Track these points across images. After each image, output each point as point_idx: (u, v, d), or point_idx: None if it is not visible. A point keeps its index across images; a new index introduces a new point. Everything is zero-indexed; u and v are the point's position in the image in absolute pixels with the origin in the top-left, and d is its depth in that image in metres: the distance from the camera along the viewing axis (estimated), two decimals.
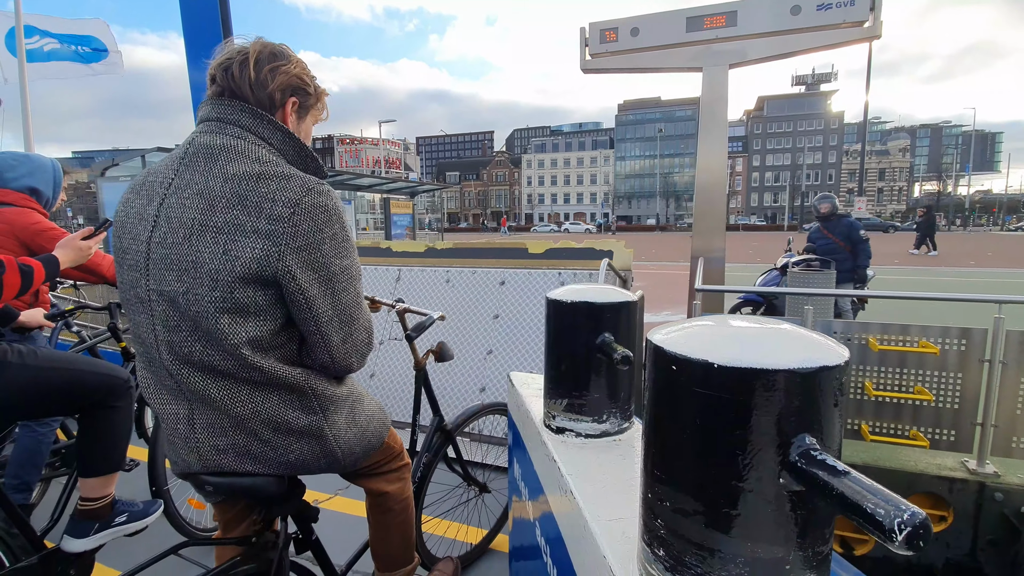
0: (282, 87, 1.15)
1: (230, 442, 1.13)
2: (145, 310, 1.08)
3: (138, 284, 1.08)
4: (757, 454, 0.53)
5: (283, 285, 1.06)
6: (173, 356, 1.08)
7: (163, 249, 1.04)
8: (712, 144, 4.91)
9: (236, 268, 1.02)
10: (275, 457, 1.16)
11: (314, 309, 1.09)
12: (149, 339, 1.09)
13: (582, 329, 1.16)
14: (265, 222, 1.02)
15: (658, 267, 17.80)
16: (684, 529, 0.58)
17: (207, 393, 1.09)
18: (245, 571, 1.22)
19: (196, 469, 1.16)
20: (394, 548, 1.58)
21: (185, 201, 1.04)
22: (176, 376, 1.09)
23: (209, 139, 1.08)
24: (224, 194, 1.03)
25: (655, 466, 0.61)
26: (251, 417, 1.11)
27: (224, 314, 1.03)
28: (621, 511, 0.89)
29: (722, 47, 4.74)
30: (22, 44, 5.89)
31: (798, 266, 5.24)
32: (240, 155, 1.06)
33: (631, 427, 1.25)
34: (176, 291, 1.03)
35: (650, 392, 0.62)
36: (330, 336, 1.13)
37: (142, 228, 1.07)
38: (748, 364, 0.52)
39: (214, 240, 1.02)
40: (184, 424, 1.13)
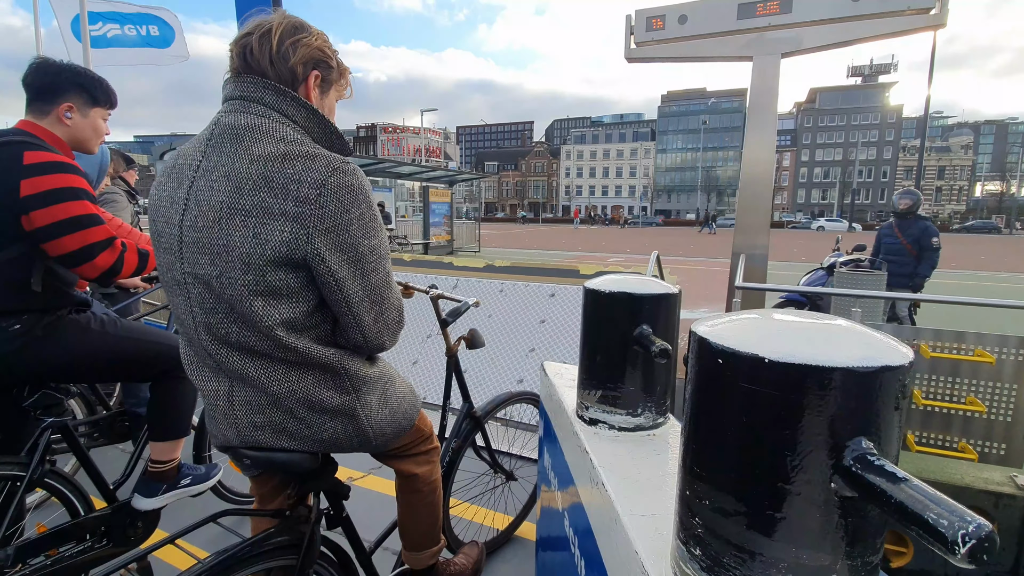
0: (304, 60, 1.13)
1: (267, 419, 1.15)
2: (182, 292, 1.10)
3: (173, 267, 1.10)
4: (807, 456, 0.50)
5: (313, 267, 1.06)
6: (211, 337, 1.10)
7: (195, 232, 1.05)
8: (760, 137, 4.73)
9: (267, 252, 1.02)
10: (310, 435, 1.19)
11: (344, 290, 1.09)
12: (188, 320, 1.12)
13: (620, 320, 1.14)
14: (292, 204, 1.01)
15: (696, 263, 17.41)
16: (724, 529, 0.55)
17: (245, 372, 1.11)
18: (278, 542, 1.24)
19: (235, 443, 1.19)
20: (421, 529, 1.60)
21: (213, 184, 1.04)
22: (215, 356, 1.12)
23: (234, 119, 1.07)
24: (250, 176, 1.02)
25: (694, 462, 0.59)
26: (287, 396, 1.14)
27: (258, 297, 1.04)
28: (654, 507, 0.87)
29: (775, 35, 4.55)
30: (86, 30, 6.14)
31: (846, 266, 5.02)
32: (265, 135, 1.05)
33: (666, 423, 1.22)
34: (210, 274, 1.05)
35: (692, 386, 0.59)
36: (361, 316, 1.14)
37: (174, 211, 1.08)
38: (802, 360, 0.49)
39: (243, 224, 1.02)
40: (224, 400, 1.16)
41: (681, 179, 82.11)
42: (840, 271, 4.85)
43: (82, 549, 1.79)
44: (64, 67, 1.74)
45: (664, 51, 5.02)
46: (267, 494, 1.44)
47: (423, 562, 1.64)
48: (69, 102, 1.71)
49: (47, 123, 1.69)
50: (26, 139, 1.60)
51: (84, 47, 6.20)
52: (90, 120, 1.77)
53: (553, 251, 22.04)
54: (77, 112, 1.73)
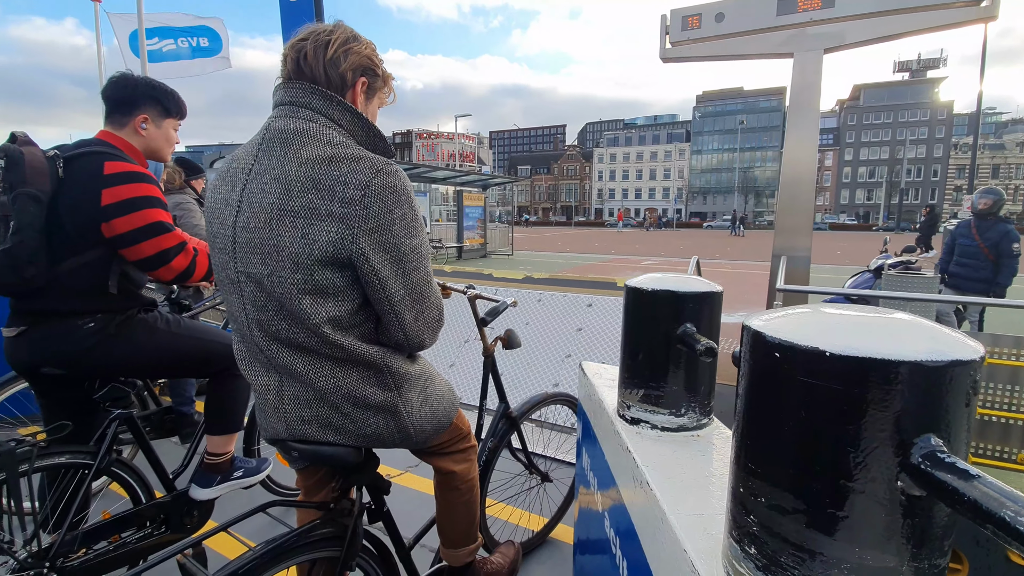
0: (354, 67, 1.18)
1: (314, 413, 1.19)
2: (236, 291, 1.15)
3: (227, 266, 1.15)
4: (871, 453, 0.49)
5: (358, 267, 1.09)
6: (263, 333, 1.15)
7: (247, 233, 1.09)
8: (801, 136, 4.60)
9: (314, 251, 1.06)
10: (354, 430, 1.22)
11: (387, 289, 1.12)
12: (241, 318, 1.17)
13: (662, 318, 1.12)
14: (338, 205, 1.05)
15: (733, 265, 17.00)
16: (781, 528, 0.54)
17: (294, 368, 1.16)
18: (323, 534, 1.28)
19: (284, 436, 1.23)
20: (459, 526, 1.62)
21: (264, 186, 1.08)
22: (266, 352, 1.16)
23: (283, 123, 1.11)
24: (299, 178, 1.06)
25: (749, 459, 0.58)
26: (333, 391, 1.17)
27: (306, 295, 1.08)
28: (701, 507, 0.86)
29: (817, 30, 4.42)
30: (144, 46, 6.49)
31: (895, 268, 4.81)
32: (312, 139, 1.09)
33: (710, 423, 1.19)
34: (261, 273, 1.09)
35: (746, 380, 0.58)
36: (403, 315, 1.17)
37: (227, 213, 1.13)
38: (866, 353, 0.47)
39: (292, 224, 1.06)
40: (274, 395, 1.20)
41: (717, 180, 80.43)
42: (889, 273, 4.65)
43: (142, 535, 1.89)
44: (140, 81, 1.85)
45: (700, 50, 4.94)
46: (312, 487, 1.48)
47: (461, 559, 1.65)
48: (144, 114, 1.81)
49: (124, 133, 1.80)
50: (106, 149, 1.70)
51: (142, 62, 6.54)
52: (163, 131, 1.88)
53: (586, 254, 21.91)
54: (152, 123, 1.83)
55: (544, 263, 17.66)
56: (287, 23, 4.59)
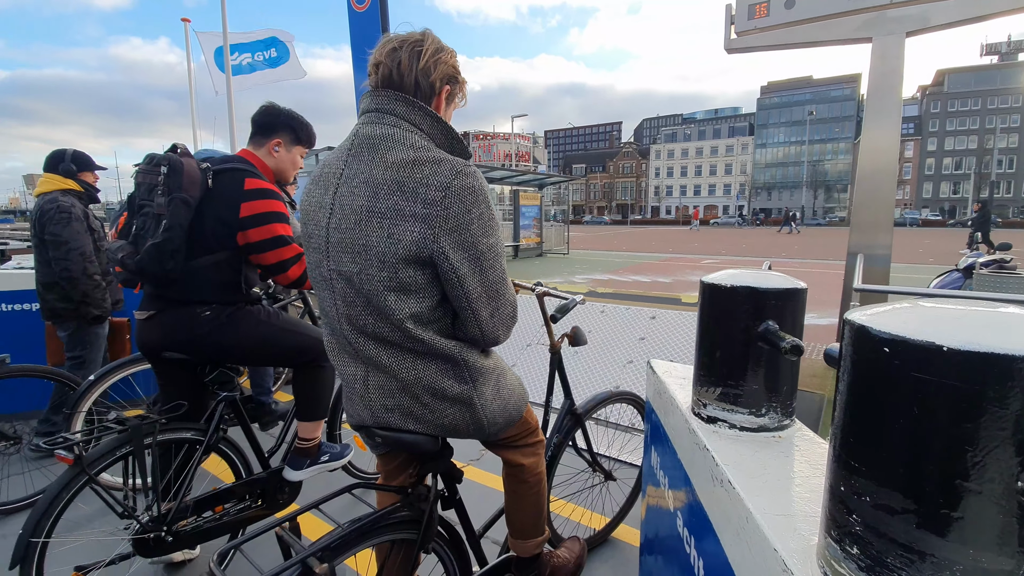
0: (441, 76, 1.25)
1: (396, 403, 1.27)
2: (328, 287, 1.23)
3: (321, 265, 1.23)
4: (991, 452, 0.47)
5: (438, 265, 1.15)
6: (352, 327, 1.23)
7: (339, 234, 1.17)
8: (881, 125, 4.32)
9: (399, 250, 1.12)
10: (432, 419, 1.29)
11: (465, 286, 1.18)
12: (332, 312, 1.26)
13: (742, 315, 1.10)
14: (421, 206, 1.11)
15: (799, 264, 16.17)
16: (888, 527, 0.53)
17: (379, 360, 1.24)
18: (402, 517, 1.36)
19: (368, 423, 1.31)
20: (527, 518, 1.66)
21: (354, 190, 1.16)
22: (354, 344, 1.25)
23: (370, 129, 1.18)
24: (385, 181, 1.13)
25: (852, 457, 0.57)
26: (414, 383, 1.25)
27: (391, 292, 1.16)
28: (788, 507, 0.84)
29: (898, 12, 4.13)
30: (228, 61, 7.02)
31: (988, 267, 4.43)
32: (397, 143, 1.15)
33: (792, 425, 1.16)
34: (351, 271, 1.17)
35: (849, 377, 0.57)
36: (479, 311, 1.22)
37: (321, 215, 1.21)
38: (986, 348, 0.46)
39: (379, 225, 1.13)
40: (360, 384, 1.29)
41: (783, 175, 76.67)
42: (980, 272, 4.30)
43: (241, 508, 2.07)
44: (282, 111, 2.11)
45: (768, 39, 4.73)
46: (392, 471, 1.56)
47: (529, 550, 1.69)
48: (279, 139, 2.08)
49: (261, 154, 2.07)
50: (246, 167, 1.95)
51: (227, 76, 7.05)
52: (291, 155, 2.13)
53: (642, 253, 21.50)
54: (283, 148, 2.09)
55: (600, 262, 17.48)
56: (356, 32, 4.78)
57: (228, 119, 7.49)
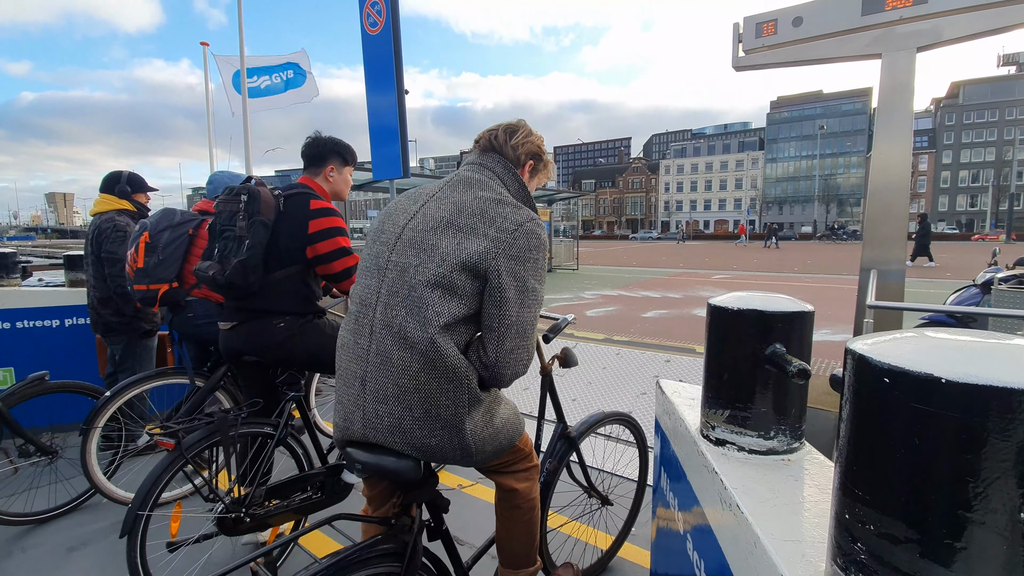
0: (526, 152, 1.54)
1: (388, 410, 1.30)
2: (378, 275, 1.36)
3: (381, 256, 1.38)
4: (992, 483, 0.47)
5: (490, 279, 1.29)
6: (382, 316, 1.32)
7: (413, 233, 1.35)
8: (892, 139, 4.29)
9: (461, 255, 1.28)
10: (420, 437, 1.31)
11: (503, 307, 1.30)
12: (370, 299, 1.36)
13: (749, 338, 1.10)
14: (494, 231, 1.31)
15: (812, 280, 16.00)
16: (892, 556, 0.53)
17: (389, 356, 1.29)
18: (384, 549, 1.32)
19: (357, 428, 1.34)
20: (518, 546, 1.65)
21: (441, 206, 1.38)
22: (374, 334, 1.32)
23: (469, 173, 1.46)
24: (471, 206, 1.35)
25: (856, 485, 0.57)
26: (412, 392, 1.28)
27: (438, 288, 1.28)
28: (796, 532, 0.83)
29: (908, 28, 4.13)
30: (245, 84, 7.22)
31: (1007, 282, 4.36)
32: (488, 187, 1.42)
33: (802, 448, 1.15)
34: (410, 263, 1.32)
35: (851, 405, 0.58)
36: (504, 339, 1.31)
37: (402, 218, 1.40)
38: (985, 381, 0.46)
39: (453, 235, 1.31)
40: (358, 383, 1.34)
41: (795, 189, 76.28)
42: (999, 288, 4.22)
43: (305, 497, 2.20)
44: (327, 140, 2.37)
45: (776, 56, 4.74)
46: (376, 497, 1.58)
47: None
48: (331, 165, 2.35)
49: (318, 180, 2.34)
50: (309, 191, 2.24)
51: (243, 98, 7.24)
52: (343, 176, 2.41)
53: (652, 268, 21.42)
54: (336, 172, 2.37)
55: (610, 277, 17.43)
56: (369, 54, 4.89)
57: (244, 139, 7.68)
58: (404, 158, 4.96)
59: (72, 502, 2.82)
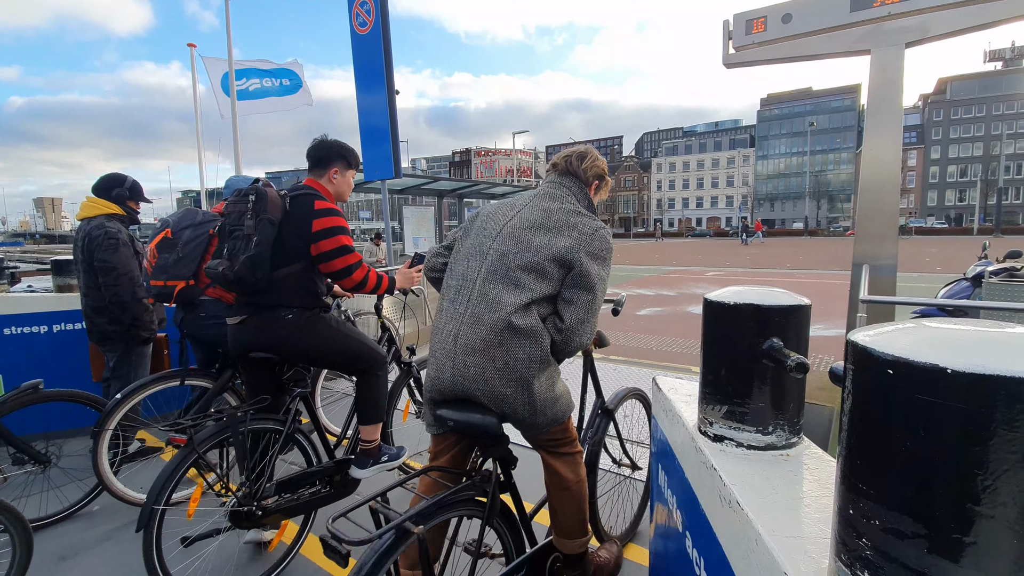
0: (593, 173, 1.87)
1: (475, 361, 1.57)
2: (480, 258, 1.68)
3: (484, 244, 1.70)
4: (1001, 476, 0.46)
5: (574, 267, 1.63)
6: (480, 288, 1.63)
7: (511, 230, 1.69)
8: (882, 135, 4.32)
9: (551, 249, 1.63)
10: (498, 386, 1.57)
11: (582, 288, 1.64)
12: (471, 275, 1.67)
13: (746, 332, 1.09)
14: (576, 233, 1.67)
15: (805, 276, 16.09)
16: (898, 552, 0.52)
17: (482, 317, 1.59)
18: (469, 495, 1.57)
19: (447, 377, 1.61)
20: (569, 521, 1.83)
21: (534, 210, 1.73)
22: (471, 301, 1.63)
23: (552, 189, 1.81)
24: (558, 214, 1.71)
25: (859, 479, 0.56)
26: (496, 345, 1.56)
27: (530, 272, 1.61)
28: (797, 528, 0.82)
29: (897, 24, 4.15)
30: (233, 86, 7.15)
31: (997, 276, 4.38)
32: (566, 201, 1.77)
33: (800, 443, 1.14)
34: (509, 250, 1.65)
35: (853, 398, 0.57)
36: (578, 311, 1.64)
37: (502, 219, 1.73)
38: (992, 371, 0.45)
39: (543, 234, 1.66)
40: (451, 340, 1.62)
41: (785, 186, 76.66)
42: (990, 281, 4.25)
43: (313, 492, 2.32)
44: (332, 143, 2.45)
45: (766, 53, 4.76)
46: (441, 452, 1.79)
47: (572, 549, 1.85)
48: (335, 167, 2.42)
49: (323, 181, 2.40)
50: (313, 192, 2.31)
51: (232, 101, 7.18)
52: (346, 179, 2.48)
53: (645, 266, 21.48)
54: (340, 174, 2.44)
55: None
56: (358, 54, 4.86)
57: (233, 141, 7.61)
58: (396, 158, 4.93)
59: (66, 511, 2.78)
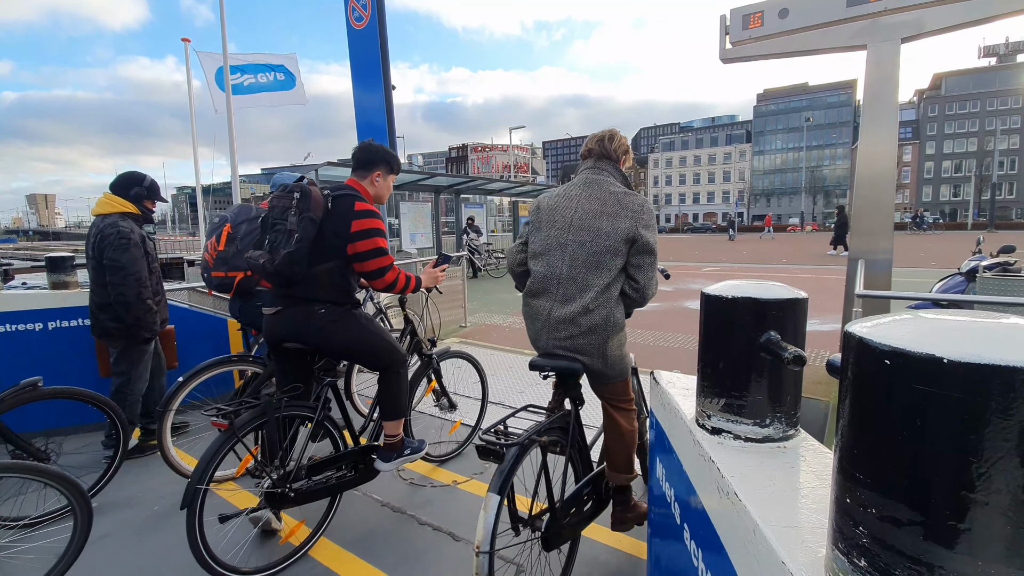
0: (622, 150, 2.19)
1: (566, 328, 2.02)
2: (561, 250, 2.05)
3: (561, 236, 2.06)
4: (996, 463, 0.47)
5: (637, 241, 1.99)
6: (568, 272, 2.03)
7: (580, 221, 2.03)
8: (878, 131, 4.33)
9: (618, 232, 1.98)
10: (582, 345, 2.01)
11: (646, 255, 2.02)
12: (558, 264, 2.06)
13: (744, 326, 1.10)
14: (630, 213, 2.00)
15: (800, 270, 16.15)
16: (895, 539, 0.53)
17: (569, 293, 2.03)
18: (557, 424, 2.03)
19: (543, 341, 2.08)
20: (619, 459, 2.22)
21: (591, 201, 2.05)
22: (560, 284, 2.04)
23: (594, 176, 2.13)
24: (609, 200, 2.04)
25: (857, 468, 0.56)
26: (583, 314, 1.99)
27: (608, 253, 1.99)
28: (795, 518, 0.83)
29: (893, 19, 4.16)
30: (228, 81, 7.10)
31: (991, 270, 4.42)
32: (608, 183, 2.09)
33: (797, 435, 1.15)
34: (585, 240, 2.01)
35: (851, 389, 0.57)
36: (648, 273, 2.04)
37: (568, 212, 2.07)
38: (987, 360, 0.46)
39: (607, 220, 2.00)
40: (545, 314, 2.07)
41: (782, 181, 76.82)
42: (984, 276, 4.28)
43: (340, 475, 2.49)
44: (378, 147, 2.56)
45: (762, 48, 4.76)
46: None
47: (620, 481, 2.23)
48: (378, 171, 2.52)
49: (365, 183, 2.50)
50: (355, 193, 2.40)
51: (227, 95, 7.13)
52: (387, 183, 2.58)
53: None
54: (382, 178, 2.54)
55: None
56: (355, 49, 4.84)
57: (228, 137, 7.56)
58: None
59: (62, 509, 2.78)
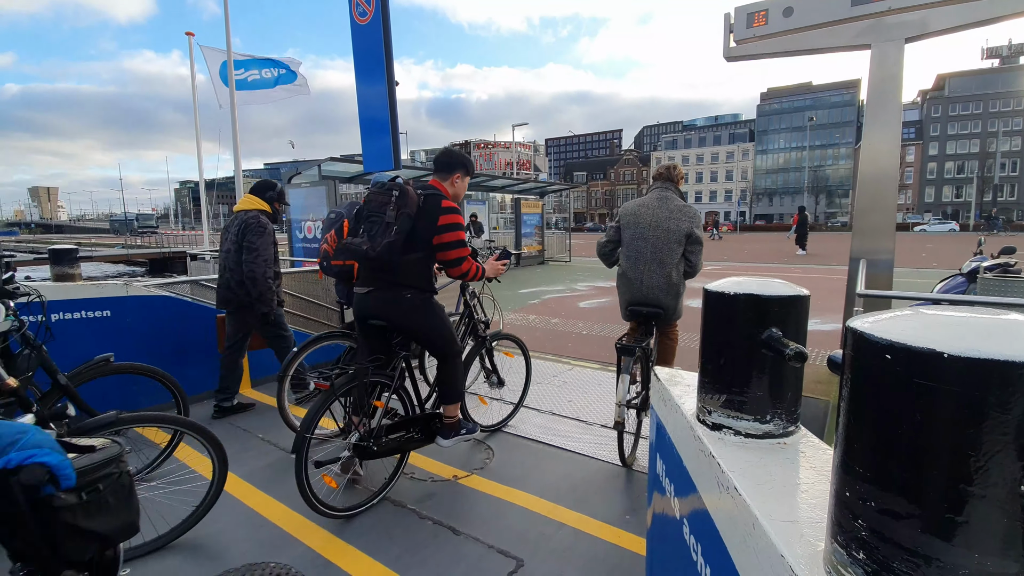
0: (679, 177, 3.36)
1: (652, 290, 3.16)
2: (644, 241, 3.18)
3: (644, 232, 3.18)
4: (993, 457, 0.48)
5: (692, 235, 3.15)
6: (651, 255, 3.15)
7: (657, 222, 3.15)
8: (881, 131, 4.33)
9: (681, 230, 3.14)
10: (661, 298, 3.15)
11: (698, 241, 3.18)
12: (644, 249, 3.18)
13: (745, 322, 1.11)
14: (687, 218, 3.17)
15: (802, 270, 16.13)
16: (893, 532, 0.54)
17: (654, 272, 3.15)
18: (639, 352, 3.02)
19: (636, 296, 3.20)
20: (668, 356, 3.44)
21: (662, 210, 3.18)
22: (648, 260, 3.16)
23: (663, 192, 3.27)
24: (674, 211, 3.17)
25: (857, 462, 0.57)
26: (663, 278, 3.14)
27: (678, 244, 3.14)
28: (794, 513, 0.84)
29: (897, 19, 4.15)
30: (232, 76, 7.12)
31: (992, 271, 4.41)
32: (673, 198, 3.24)
33: (797, 432, 1.16)
34: (660, 236, 3.14)
35: (852, 383, 0.58)
36: (698, 254, 3.21)
37: (648, 216, 3.20)
38: (987, 355, 0.47)
39: (674, 222, 3.14)
40: (638, 281, 3.19)
41: (784, 180, 76.64)
42: (985, 277, 4.27)
43: (409, 436, 2.88)
44: (457, 153, 2.98)
45: (767, 47, 4.76)
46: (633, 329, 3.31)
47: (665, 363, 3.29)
48: (458, 173, 2.89)
49: (446, 184, 2.86)
50: (440, 193, 2.77)
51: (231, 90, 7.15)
52: (464, 184, 2.94)
53: None
54: (460, 180, 2.90)
55: (602, 269, 17.46)
56: (358, 44, 4.84)
57: (232, 131, 7.57)
58: (395, 150, 4.92)
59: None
